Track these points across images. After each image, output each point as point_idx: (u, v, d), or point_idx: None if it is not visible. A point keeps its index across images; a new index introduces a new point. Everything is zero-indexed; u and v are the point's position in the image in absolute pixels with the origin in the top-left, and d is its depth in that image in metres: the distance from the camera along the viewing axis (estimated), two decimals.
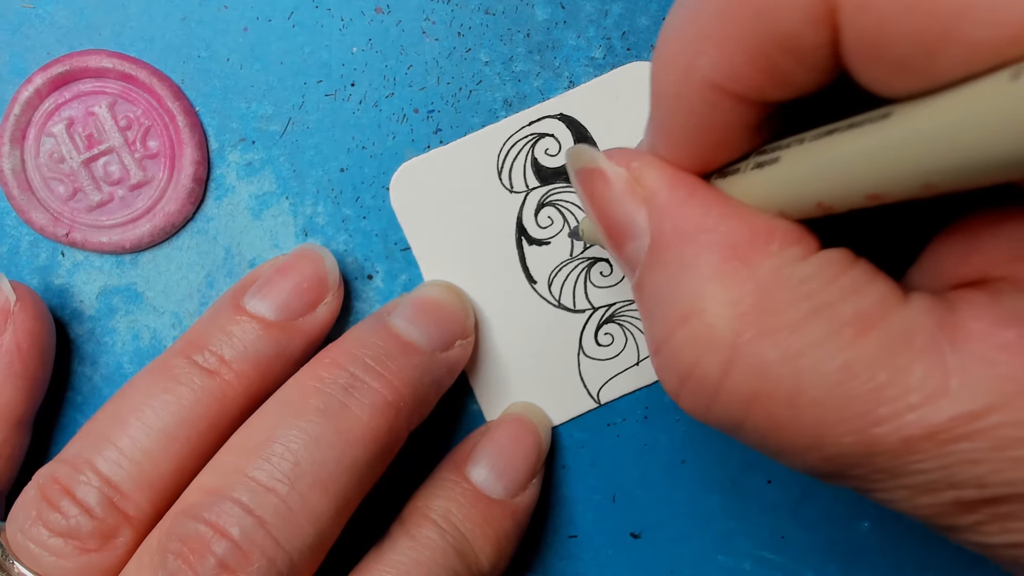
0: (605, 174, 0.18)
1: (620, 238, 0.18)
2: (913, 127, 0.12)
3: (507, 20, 0.26)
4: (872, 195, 0.14)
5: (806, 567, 0.27)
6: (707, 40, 0.15)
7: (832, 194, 0.15)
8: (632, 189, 0.17)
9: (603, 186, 0.18)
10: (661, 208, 0.17)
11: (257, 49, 0.26)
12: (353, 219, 0.27)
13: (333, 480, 0.21)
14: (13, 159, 0.26)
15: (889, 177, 0.13)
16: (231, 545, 0.20)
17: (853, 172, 0.14)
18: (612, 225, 0.18)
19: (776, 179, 0.16)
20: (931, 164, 0.12)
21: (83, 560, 0.21)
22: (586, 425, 0.27)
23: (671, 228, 0.17)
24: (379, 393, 0.22)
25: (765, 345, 0.15)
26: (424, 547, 0.23)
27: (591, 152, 0.19)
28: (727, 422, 0.16)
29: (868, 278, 0.15)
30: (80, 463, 0.22)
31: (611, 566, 0.27)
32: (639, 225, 0.17)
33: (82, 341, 0.27)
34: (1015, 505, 0.14)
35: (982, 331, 0.14)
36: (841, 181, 0.14)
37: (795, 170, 0.15)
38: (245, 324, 0.23)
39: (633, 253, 0.18)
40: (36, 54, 0.26)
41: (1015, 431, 0.13)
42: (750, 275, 0.15)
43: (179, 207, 0.26)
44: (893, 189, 0.13)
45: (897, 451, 0.14)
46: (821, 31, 0.13)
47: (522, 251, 0.26)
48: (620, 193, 0.18)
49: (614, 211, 0.18)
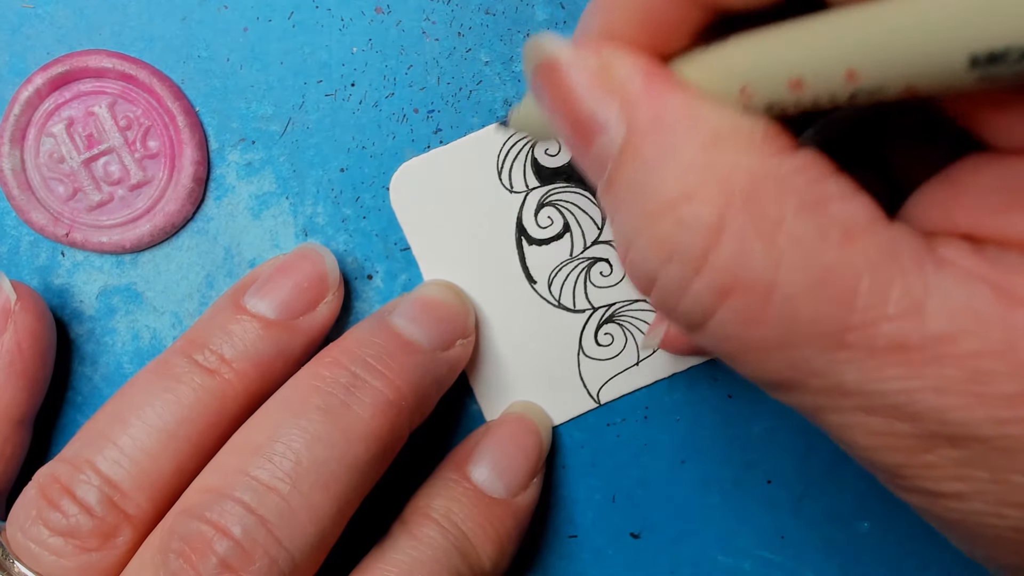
0: (573, 65, 0.17)
1: (588, 133, 0.17)
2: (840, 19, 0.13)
3: (507, 20, 0.26)
4: (795, 81, 0.14)
5: (806, 567, 0.27)
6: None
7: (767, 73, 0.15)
8: (603, 80, 0.16)
9: (570, 76, 0.17)
10: (637, 97, 0.16)
11: (257, 49, 0.26)
12: (353, 219, 0.27)
13: (335, 479, 0.21)
14: (13, 159, 0.26)
15: (812, 60, 0.13)
16: (233, 544, 0.20)
17: (777, 52, 0.14)
18: (579, 120, 0.17)
19: (728, 55, 0.16)
20: (852, 49, 0.13)
21: (83, 559, 0.21)
22: (586, 425, 0.27)
23: (650, 118, 0.16)
24: (380, 392, 0.22)
25: (749, 234, 0.14)
26: (426, 546, 0.23)
27: (555, 40, 0.17)
28: (696, 315, 0.16)
29: (855, 187, 0.15)
30: (80, 462, 0.22)
31: (611, 566, 0.27)
32: (610, 117, 0.16)
33: (82, 341, 0.27)
34: (973, 449, 0.14)
35: (966, 265, 0.14)
36: (768, 61, 0.14)
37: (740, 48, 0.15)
38: (246, 323, 0.23)
39: (603, 148, 0.16)
40: (36, 54, 0.26)
41: (986, 363, 0.13)
42: (737, 163, 0.15)
43: (179, 207, 0.26)
44: (816, 76, 0.13)
45: (863, 362, 0.14)
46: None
47: (522, 251, 0.26)
48: (589, 85, 0.16)
49: (582, 105, 0.17)
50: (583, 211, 0.26)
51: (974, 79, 0.11)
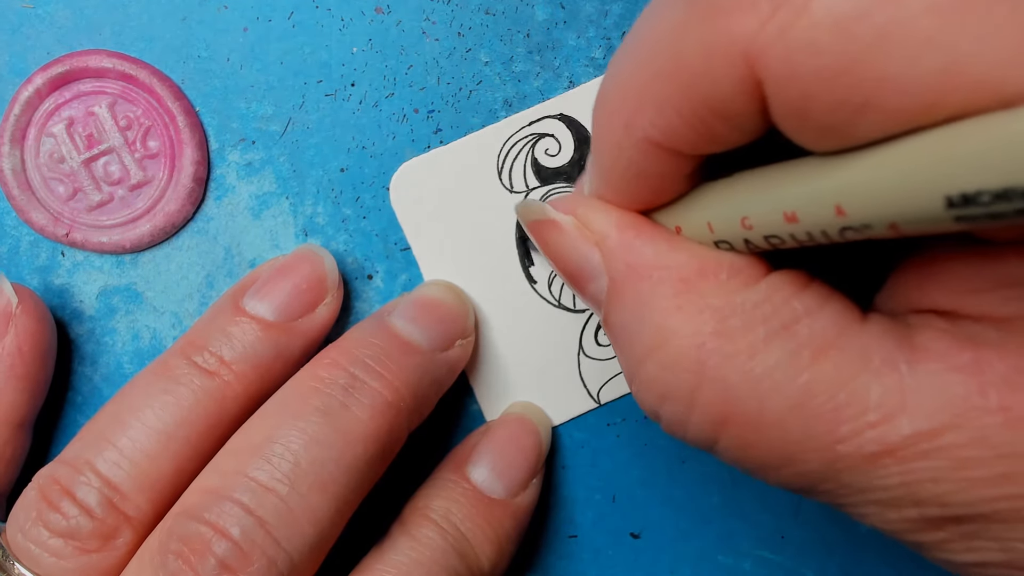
0: (556, 223, 0.19)
1: (580, 281, 0.19)
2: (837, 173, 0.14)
3: (507, 20, 0.26)
4: (790, 214, 0.15)
5: (806, 567, 0.27)
6: (645, 101, 0.15)
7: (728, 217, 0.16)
8: (583, 234, 0.18)
9: (556, 234, 0.19)
10: (612, 249, 0.18)
11: (257, 49, 0.26)
12: (353, 219, 0.27)
13: (333, 480, 0.21)
14: (13, 159, 0.26)
15: (804, 194, 0.14)
16: (231, 545, 0.20)
17: (769, 192, 0.15)
18: (571, 270, 0.19)
19: (707, 201, 0.17)
20: (842, 195, 0.13)
21: (83, 561, 0.21)
22: (586, 425, 0.27)
23: (625, 267, 0.17)
24: (379, 393, 0.22)
25: (727, 370, 0.16)
26: (424, 547, 0.23)
27: (539, 205, 0.20)
28: (703, 443, 0.17)
29: (822, 299, 0.16)
30: (80, 464, 0.22)
31: (611, 566, 0.27)
32: (595, 267, 0.18)
33: (82, 341, 0.27)
34: (977, 524, 0.14)
35: (939, 352, 0.15)
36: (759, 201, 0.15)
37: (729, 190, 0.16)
38: (244, 325, 0.23)
39: (595, 293, 0.19)
40: (36, 54, 0.26)
41: (970, 451, 0.14)
42: (705, 305, 0.16)
43: (179, 207, 0.26)
44: (807, 209, 0.14)
45: (860, 467, 0.15)
46: (750, 100, 0.14)
47: (522, 251, 0.26)
48: (572, 239, 0.19)
49: (569, 256, 0.19)
50: None
51: (952, 218, 0.12)
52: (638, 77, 0.15)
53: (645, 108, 0.15)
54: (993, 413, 0.14)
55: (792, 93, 0.13)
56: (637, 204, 0.18)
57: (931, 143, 0.12)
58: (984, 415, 0.14)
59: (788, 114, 0.13)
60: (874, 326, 0.15)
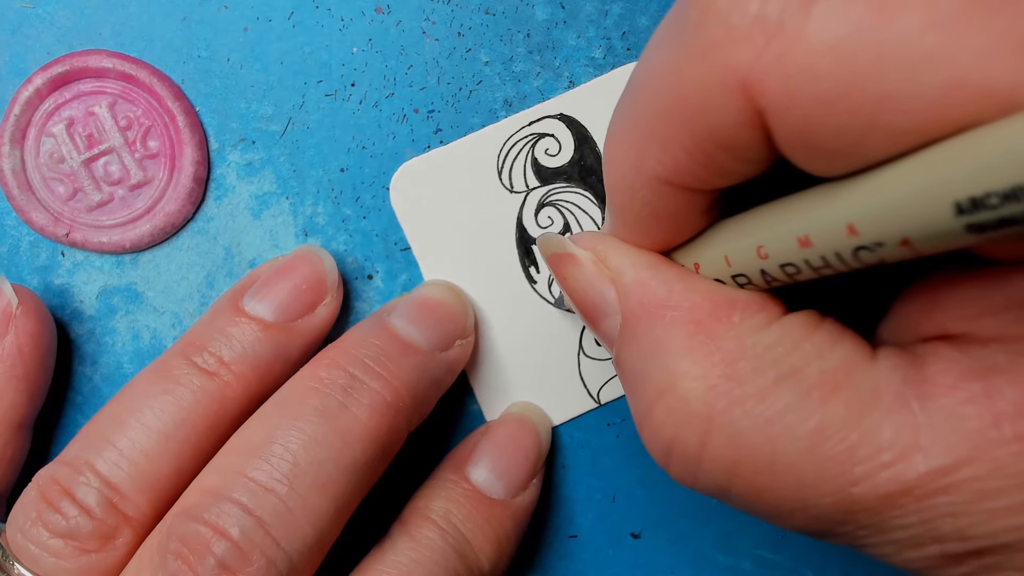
0: (575, 257, 0.19)
1: (595, 316, 0.19)
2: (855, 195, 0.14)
3: (507, 20, 0.26)
4: (803, 238, 0.15)
5: (806, 567, 0.27)
6: (650, 140, 0.15)
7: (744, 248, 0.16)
8: (600, 270, 0.19)
9: (574, 269, 0.19)
10: (627, 287, 0.18)
11: (257, 49, 0.26)
12: (353, 219, 0.27)
13: (332, 480, 0.21)
14: (13, 159, 0.26)
15: (816, 216, 0.14)
16: (231, 545, 0.20)
17: (782, 222, 0.15)
18: (586, 304, 0.19)
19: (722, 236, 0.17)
20: (854, 213, 0.14)
21: (83, 561, 0.21)
22: (586, 425, 0.27)
23: (638, 306, 0.17)
24: (378, 393, 0.22)
25: (737, 414, 0.15)
26: (424, 547, 0.23)
27: (559, 239, 0.20)
28: (714, 490, 0.17)
29: (833, 339, 0.16)
30: (80, 464, 0.22)
31: (611, 566, 0.27)
32: (610, 303, 0.18)
33: (82, 341, 0.27)
34: (1000, 556, 0.14)
35: (949, 385, 0.14)
36: (774, 228, 0.16)
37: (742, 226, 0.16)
38: (244, 326, 0.23)
39: (608, 329, 0.19)
40: (36, 54, 0.26)
41: (988, 483, 0.14)
42: (716, 347, 0.16)
43: (179, 207, 0.26)
44: (820, 232, 0.14)
45: (877, 508, 0.15)
46: (753, 131, 0.14)
47: (522, 251, 0.26)
48: (589, 275, 0.19)
49: (586, 291, 0.19)
50: (583, 211, 0.26)
51: (963, 227, 0.12)
52: (642, 117, 0.15)
53: (651, 147, 0.15)
54: (1008, 443, 0.14)
55: (794, 120, 0.13)
56: (655, 243, 0.18)
57: (936, 154, 0.12)
58: (999, 446, 0.14)
59: (793, 142, 0.13)
60: (883, 362, 0.15)
